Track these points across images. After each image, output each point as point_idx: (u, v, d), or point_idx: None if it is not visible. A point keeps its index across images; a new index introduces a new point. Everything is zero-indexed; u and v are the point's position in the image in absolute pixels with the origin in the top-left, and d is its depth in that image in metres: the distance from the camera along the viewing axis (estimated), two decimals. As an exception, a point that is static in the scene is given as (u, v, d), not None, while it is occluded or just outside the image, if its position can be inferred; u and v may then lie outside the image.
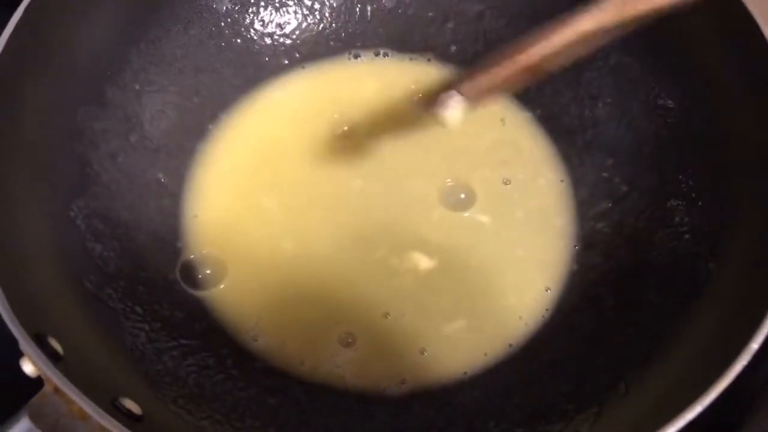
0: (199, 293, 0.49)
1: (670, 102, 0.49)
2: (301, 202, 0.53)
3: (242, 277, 0.50)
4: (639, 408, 0.38)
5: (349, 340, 0.48)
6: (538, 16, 0.55)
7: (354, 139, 0.56)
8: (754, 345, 0.33)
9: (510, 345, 0.48)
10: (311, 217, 0.52)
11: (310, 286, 0.50)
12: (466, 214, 0.52)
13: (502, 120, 0.57)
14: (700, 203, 0.46)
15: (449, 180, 0.54)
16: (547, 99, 0.56)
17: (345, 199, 0.53)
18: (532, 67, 0.43)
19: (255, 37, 0.57)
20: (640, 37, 0.50)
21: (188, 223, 0.52)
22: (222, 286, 0.49)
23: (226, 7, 0.55)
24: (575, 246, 0.51)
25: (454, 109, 0.45)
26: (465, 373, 0.47)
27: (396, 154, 0.55)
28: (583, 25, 0.40)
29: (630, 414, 0.38)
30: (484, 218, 0.52)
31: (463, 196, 0.53)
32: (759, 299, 0.36)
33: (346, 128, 0.56)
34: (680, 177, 0.47)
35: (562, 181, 0.54)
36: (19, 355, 0.33)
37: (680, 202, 0.47)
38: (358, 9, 0.59)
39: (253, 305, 0.49)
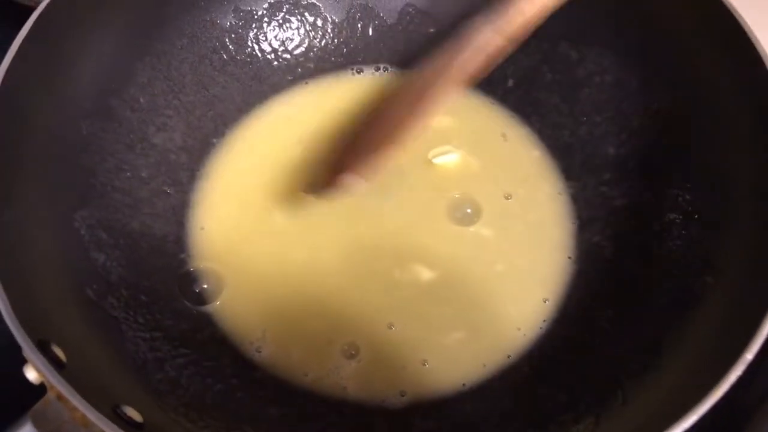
0: (197, 308, 0.49)
1: (667, 117, 0.49)
2: (306, 216, 0.53)
3: (245, 290, 0.50)
4: (637, 417, 0.38)
5: (353, 352, 0.48)
6: (538, 32, 0.57)
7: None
8: (749, 355, 0.34)
9: (508, 356, 0.48)
10: (317, 229, 0.53)
11: (316, 298, 0.50)
12: (471, 229, 0.53)
13: (504, 135, 0.57)
14: (696, 216, 0.46)
15: (457, 194, 0.54)
16: (546, 115, 0.57)
17: (351, 211, 0.53)
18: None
19: (258, 53, 0.58)
20: (637, 52, 0.51)
21: (195, 235, 0.52)
22: (218, 303, 0.49)
23: (230, 23, 0.56)
24: (573, 258, 0.52)
25: (355, 186, 0.46)
26: (464, 384, 0.47)
27: (402, 166, 0.55)
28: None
29: (628, 423, 0.39)
30: (487, 232, 0.53)
31: (469, 210, 0.53)
32: (754, 310, 0.36)
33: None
34: (677, 191, 0.48)
35: (560, 194, 0.54)
36: (23, 362, 0.34)
37: (677, 216, 0.47)
38: (360, 25, 0.60)
39: (258, 317, 0.49)
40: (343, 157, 0.50)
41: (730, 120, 0.45)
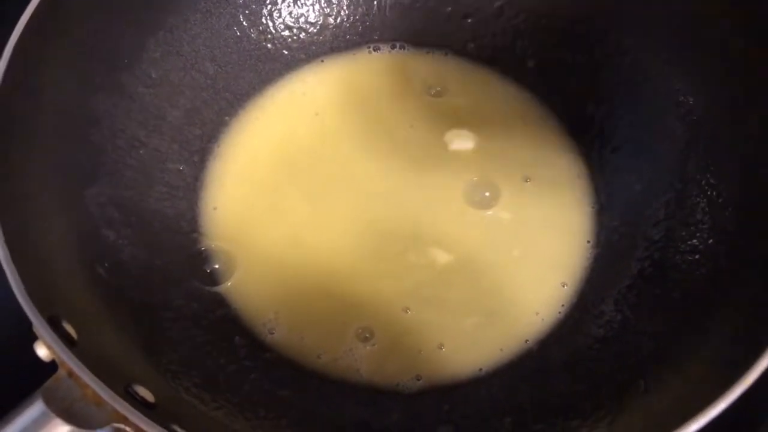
0: (208, 289, 0.49)
1: (690, 99, 0.48)
2: (321, 196, 0.53)
3: (258, 271, 0.50)
4: (659, 407, 0.37)
5: (367, 335, 0.47)
6: (557, 12, 0.55)
7: (375, 132, 0.55)
8: (780, 343, 0.33)
9: (526, 341, 0.47)
10: (331, 210, 0.52)
11: (330, 280, 0.50)
12: (489, 212, 0.52)
13: (522, 117, 0.56)
14: (721, 201, 0.45)
15: (474, 177, 0.53)
16: (566, 96, 0.56)
17: (366, 193, 0.53)
18: None
19: (273, 30, 0.57)
20: (660, 34, 0.49)
21: (207, 215, 0.52)
22: (230, 283, 0.49)
23: (244, -2, 0.55)
24: (592, 243, 0.51)
25: None
26: (480, 369, 0.46)
27: (419, 148, 0.55)
28: None
29: (650, 413, 0.38)
30: (505, 215, 0.52)
31: (487, 193, 0.53)
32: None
33: (367, 121, 0.56)
34: (701, 175, 0.47)
35: (579, 177, 0.53)
36: (34, 338, 0.33)
37: (701, 200, 0.46)
38: (376, 2, 0.59)
39: (271, 298, 0.49)
40: None
41: (754, 104, 0.44)
